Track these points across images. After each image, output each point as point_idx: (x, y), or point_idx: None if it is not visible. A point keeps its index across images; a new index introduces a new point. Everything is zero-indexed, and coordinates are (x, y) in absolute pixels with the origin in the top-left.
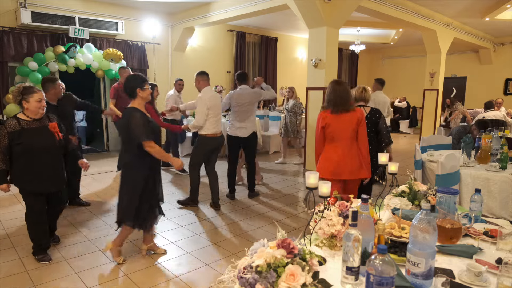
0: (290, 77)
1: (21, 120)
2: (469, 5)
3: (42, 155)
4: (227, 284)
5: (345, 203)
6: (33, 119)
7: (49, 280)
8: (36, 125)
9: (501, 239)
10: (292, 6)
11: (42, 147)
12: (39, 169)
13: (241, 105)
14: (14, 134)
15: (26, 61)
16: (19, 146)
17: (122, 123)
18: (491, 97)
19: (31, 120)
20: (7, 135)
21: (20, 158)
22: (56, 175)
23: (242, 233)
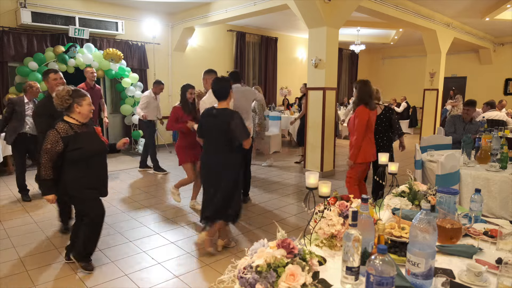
0: (290, 77)
1: (72, 124)
2: (469, 5)
3: (96, 160)
4: (227, 284)
5: (345, 203)
6: (82, 123)
7: (49, 280)
8: (86, 129)
9: (501, 239)
10: (292, 6)
11: (96, 152)
12: (95, 174)
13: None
14: (69, 138)
15: (26, 61)
16: (77, 152)
17: (221, 124)
18: (491, 97)
19: (80, 124)
20: (61, 139)
21: (77, 164)
22: (107, 179)
23: (242, 233)
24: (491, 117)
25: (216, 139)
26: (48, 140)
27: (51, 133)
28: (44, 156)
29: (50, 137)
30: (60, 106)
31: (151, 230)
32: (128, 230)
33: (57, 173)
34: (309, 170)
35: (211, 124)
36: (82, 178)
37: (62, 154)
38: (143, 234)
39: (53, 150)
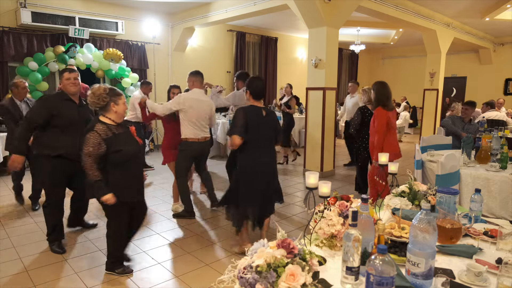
0: (290, 77)
1: (109, 125)
2: (469, 5)
3: (133, 162)
4: (227, 284)
5: (345, 203)
6: (118, 123)
7: (49, 280)
8: (122, 130)
9: (501, 239)
10: (292, 6)
11: (134, 153)
12: (133, 177)
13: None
14: (110, 140)
15: (26, 61)
16: (118, 154)
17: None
18: (491, 97)
19: (116, 124)
20: (104, 141)
21: (117, 167)
22: (143, 180)
23: None
24: (491, 117)
25: (266, 138)
26: (89, 143)
27: (91, 136)
28: (87, 160)
29: (91, 139)
30: (96, 105)
31: (151, 230)
32: None
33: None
34: (309, 170)
35: (261, 123)
36: (122, 181)
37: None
38: (143, 234)
39: (95, 153)
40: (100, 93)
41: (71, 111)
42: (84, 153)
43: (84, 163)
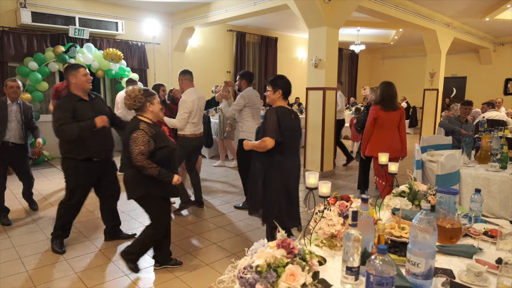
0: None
1: (149, 124)
2: (469, 5)
3: (173, 159)
4: (227, 284)
5: (345, 203)
6: (154, 123)
7: (49, 280)
8: (158, 129)
9: (501, 239)
10: (292, 6)
11: (173, 151)
12: (174, 174)
13: (255, 107)
14: (155, 137)
15: (26, 61)
16: (164, 150)
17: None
18: (491, 97)
19: (153, 124)
20: (150, 138)
21: (161, 164)
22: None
23: (242, 233)
24: (491, 117)
25: (293, 141)
26: (139, 142)
27: (139, 134)
28: (140, 158)
29: (140, 138)
30: (132, 106)
31: None
32: (128, 230)
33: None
34: (309, 170)
35: (291, 125)
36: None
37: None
38: None
39: (147, 150)
40: (136, 94)
41: (88, 112)
42: (136, 153)
43: (138, 163)
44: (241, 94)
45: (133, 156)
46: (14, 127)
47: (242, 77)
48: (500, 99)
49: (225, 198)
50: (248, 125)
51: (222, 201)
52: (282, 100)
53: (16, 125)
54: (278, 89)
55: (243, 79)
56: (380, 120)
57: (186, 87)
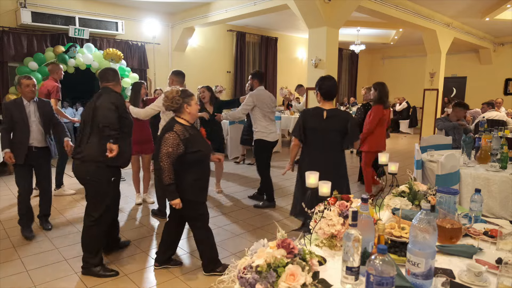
0: (290, 77)
1: (185, 126)
2: (469, 5)
3: (206, 163)
4: (227, 284)
5: (345, 203)
6: (191, 124)
7: (49, 280)
8: (195, 131)
9: (501, 239)
10: (292, 6)
11: (208, 155)
12: (207, 178)
13: (267, 107)
14: (187, 141)
15: (26, 61)
16: (197, 154)
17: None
18: (491, 97)
19: (190, 125)
20: (181, 142)
21: (194, 167)
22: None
23: (242, 233)
24: (491, 117)
25: (324, 141)
26: (169, 144)
27: (171, 136)
28: (166, 161)
29: (171, 140)
30: (170, 107)
31: (151, 230)
32: (128, 230)
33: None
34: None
35: (320, 126)
36: (198, 181)
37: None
38: (143, 234)
39: (174, 154)
40: (174, 96)
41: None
42: (163, 153)
43: (161, 164)
44: (250, 93)
45: (160, 155)
46: (35, 129)
47: (254, 76)
48: (500, 99)
49: (224, 198)
50: (261, 125)
51: (222, 201)
52: (323, 100)
53: (37, 126)
54: (318, 91)
55: (255, 79)
56: (383, 118)
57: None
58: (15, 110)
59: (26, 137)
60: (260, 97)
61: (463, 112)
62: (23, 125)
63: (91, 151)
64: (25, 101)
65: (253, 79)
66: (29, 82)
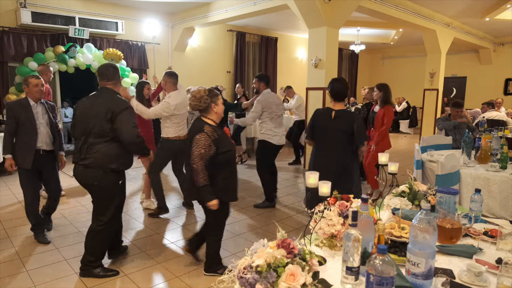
0: (290, 77)
1: (213, 126)
2: (469, 5)
3: (234, 162)
4: (227, 284)
5: (345, 203)
6: (217, 124)
7: (49, 280)
8: (221, 130)
9: (501, 239)
10: (292, 6)
11: (235, 154)
12: (236, 177)
13: (274, 110)
14: (217, 141)
15: (26, 61)
16: (227, 154)
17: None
18: (491, 97)
19: (216, 125)
20: (212, 142)
21: (225, 168)
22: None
23: (242, 233)
24: (491, 117)
25: (333, 140)
26: (201, 145)
27: (202, 137)
28: (199, 162)
29: (202, 141)
30: (197, 107)
31: (151, 230)
32: (128, 230)
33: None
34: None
35: (329, 125)
36: (228, 181)
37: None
38: (143, 234)
39: (207, 155)
40: (201, 95)
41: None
42: (195, 155)
43: (195, 166)
44: (257, 99)
45: (192, 157)
46: (43, 131)
47: (260, 79)
48: (500, 99)
49: None
50: (267, 127)
51: None
52: (333, 101)
53: (45, 128)
54: (329, 92)
55: (261, 82)
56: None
57: (169, 89)
58: (21, 111)
59: (34, 140)
60: (268, 102)
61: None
62: (31, 127)
63: (97, 158)
64: (32, 102)
65: (259, 82)
66: (38, 81)
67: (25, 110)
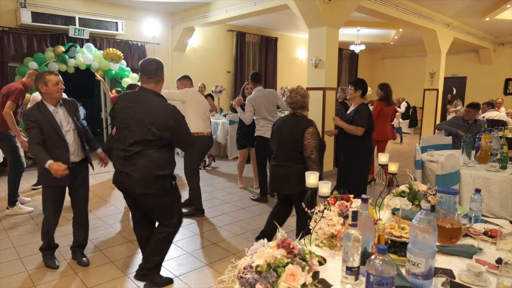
0: (290, 77)
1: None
2: (469, 5)
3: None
4: (227, 284)
5: (345, 203)
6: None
7: (49, 280)
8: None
9: (501, 239)
10: (292, 6)
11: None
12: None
13: (263, 108)
14: (318, 134)
15: (26, 61)
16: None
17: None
18: (491, 97)
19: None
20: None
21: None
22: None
23: (242, 233)
24: (491, 117)
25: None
26: (316, 137)
27: (315, 130)
28: (316, 153)
29: (316, 133)
30: (301, 103)
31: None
32: (128, 230)
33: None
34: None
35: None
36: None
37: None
38: None
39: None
40: (304, 92)
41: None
42: (313, 146)
43: (313, 156)
44: (247, 98)
45: (311, 149)
46: (70, 140)
47: (251, 79)
48: (500, 99)
49: (225, 198)
50: (259, 124)
51: (221, 201)
52: (360, 98)
53: (72, 136)
54: (359, 89)
55: (251, 81)
56: (383, 113)
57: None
58: (44, 121)
59: (66, 154)
60: (256, 101)
61: (474, 112)
62: (58, 140)
63: (149, 165)
64: (51, 107)
65: (251, 82)
66: (57, 78)
67: (48, 118)
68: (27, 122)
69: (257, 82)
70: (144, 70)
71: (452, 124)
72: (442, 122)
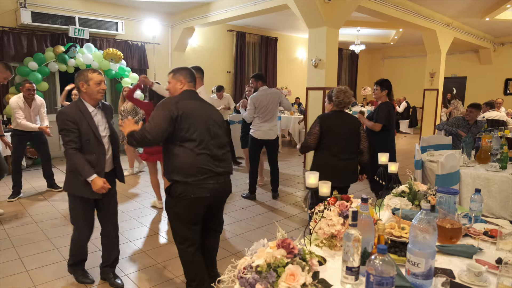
0: (290, 77)
1: None
2: (469, 5)
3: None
4: (227, 284)
5: (345, 203)
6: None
7: (49, 280)
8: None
9: (501, 239)
10: (292, 6)
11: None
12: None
13: (264, 107)
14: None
15: (26, 61)
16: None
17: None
18: (491, 97)
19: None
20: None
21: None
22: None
23: (242, 233)
24: (491, 117)
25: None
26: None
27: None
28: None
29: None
30: (348, 102)
31: (151, 230)
32: (128, 230)
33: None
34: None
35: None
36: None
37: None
38: (143, 234)
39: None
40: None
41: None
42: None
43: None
44: (250, 97)
45: (365, 141)
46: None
47: (256, 78)
48: (500, 99)
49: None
50: (254, 123)
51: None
52: (386, 97)
53: (108, 143)
54: (385, 89)
55: (258, 80)
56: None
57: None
58: (83, 122)
59: (103, 160)
60: (259, 99)
61: (476, 112)
62: (97, 144)
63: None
64: (91, 108)
65: (256, 81)
66: (100, 77)
67: (87, 119)
68: (65, 123)
69: (262, 82)
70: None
71: (452, 124)
72: (442, 122)
